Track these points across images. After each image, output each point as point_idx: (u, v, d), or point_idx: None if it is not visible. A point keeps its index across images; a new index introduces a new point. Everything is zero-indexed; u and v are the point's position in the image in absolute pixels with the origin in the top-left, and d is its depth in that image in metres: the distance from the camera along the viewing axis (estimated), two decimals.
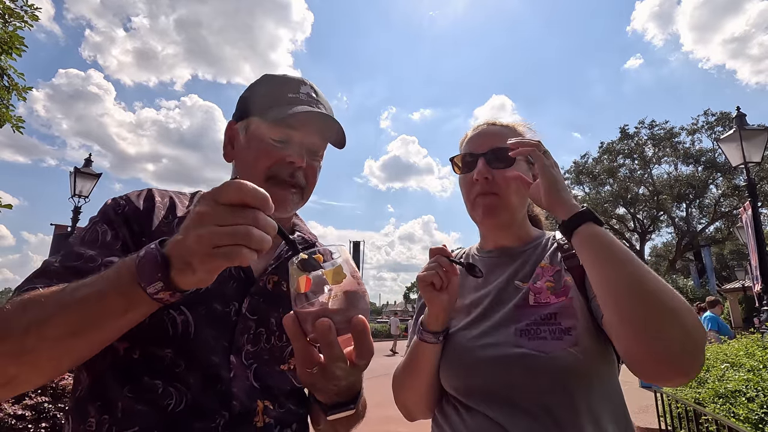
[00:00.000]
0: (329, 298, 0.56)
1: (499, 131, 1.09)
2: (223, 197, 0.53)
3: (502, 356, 0.89)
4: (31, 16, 5.03)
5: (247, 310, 0.85)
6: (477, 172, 1.03)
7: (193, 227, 0.53)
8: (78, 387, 0.78)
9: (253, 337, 0.84)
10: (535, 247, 1.07)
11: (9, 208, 4.77)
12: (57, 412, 3.13)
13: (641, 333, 0.70)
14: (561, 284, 0.95)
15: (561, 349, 0.84)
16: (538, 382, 0.84)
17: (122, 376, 0.73)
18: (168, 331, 0.75)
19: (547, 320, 0.90)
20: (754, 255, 7.79)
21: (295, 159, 0.89)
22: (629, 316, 0.72)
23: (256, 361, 0.83)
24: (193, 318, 0.77)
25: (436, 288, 0.92)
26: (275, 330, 0.87)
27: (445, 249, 0.93)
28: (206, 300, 0.80)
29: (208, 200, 0.53)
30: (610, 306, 0.77)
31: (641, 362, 0.72)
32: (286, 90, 0.92)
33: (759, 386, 2.96)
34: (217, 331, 0.79)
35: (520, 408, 0.85)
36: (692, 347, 0.69)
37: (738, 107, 7.37)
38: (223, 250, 0.52)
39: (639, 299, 0.71)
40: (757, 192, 10.25)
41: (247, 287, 0.86)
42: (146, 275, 0.56)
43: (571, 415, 0.82)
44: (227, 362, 0.78)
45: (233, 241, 0.52)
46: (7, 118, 5.11)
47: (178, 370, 0.74)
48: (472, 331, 0.98)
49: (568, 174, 30.10)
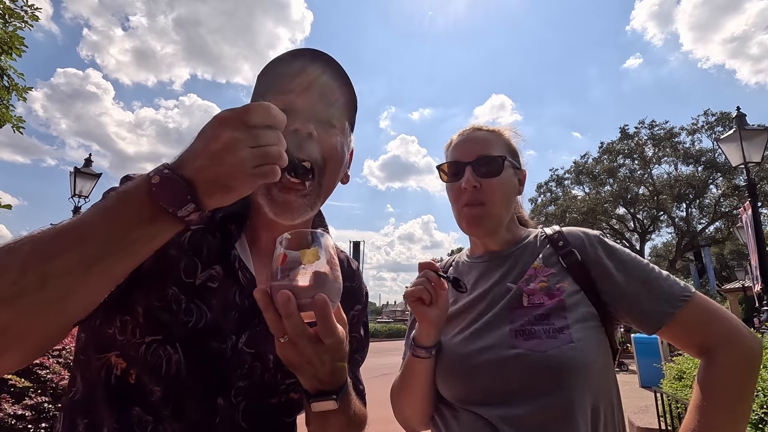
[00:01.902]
0: (299, 275, 0.59)
1: (486, 137, 1.07)
2: (254, 120, 0.55)
3: (497, 359, 0.89)
4: (31, 16, 5.04)
5: (245, 344, 0.78)
6: (465, 181, 1.02)
7: (227, 151, 0.54)
8: (72, 389, 0.75)
9: (247, 372, 0.77)
10: (524, 247, 1.06)
11: (8, 208, 4.77)
12: (57, 412, 3.13)
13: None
14: (555, 286, 0.95)
15: (556, 348, 0.85)
16: (535, 381, 0.85)
17: (114, 400, 0.70)
18: (162, 367, 0.71)
19: (541, 320, 0.90)
20: (754, 255, 7.80)
21: (299, 126, 0.75)
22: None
23: (246, 398, 0.77)
24: (185, 359, 0.72)
25: (425, 303, 0.91)
26: (271, 368, 0.80)
27: (433, 263, 0.93)
28: (202, 337, 0.74)
29: (236, 123, 0.55)
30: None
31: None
32: (286, 59, 0.83)
33: (759, 386, 2.96)
34: (209, 371, 0.74)
35: (516, 407, 0.85)
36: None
37: (738, 107, 7.37)
38: (262, 170, 0.55)
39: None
40: (757, 192, 10.24)
41: (249, 319, 0.79)
42: (174, 200, 0.53)
43: (567, 411, 0.82)
44: (214, 407, 0.73)
45: (270, 161, 0.56)
46: (7, 118, 5.12)
47: (166, 411, 0.70)
48: (466, 337, 0.97)
49: (568, 174, 30.16)
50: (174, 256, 0.75)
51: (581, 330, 0.88)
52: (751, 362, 0.85)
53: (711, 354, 0.87)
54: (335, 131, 0.82)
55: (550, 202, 29.75)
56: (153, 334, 0.71)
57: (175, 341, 0.72)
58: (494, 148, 1.05)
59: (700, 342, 0.90)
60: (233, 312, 0.78)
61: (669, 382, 4.51)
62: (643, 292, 0.92)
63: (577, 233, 1.03)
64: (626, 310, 0.94)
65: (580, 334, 0.87)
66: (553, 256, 1.01)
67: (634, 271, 0.95)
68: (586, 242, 1.00)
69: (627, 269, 0.95)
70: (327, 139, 0.80)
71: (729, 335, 0.87)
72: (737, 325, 0.88)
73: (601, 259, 0.97)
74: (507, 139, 1.10)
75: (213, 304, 0.76)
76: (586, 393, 0.84)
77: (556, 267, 0.99)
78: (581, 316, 0.91)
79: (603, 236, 1.02)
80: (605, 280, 0.95)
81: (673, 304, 0.90)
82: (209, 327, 0.74)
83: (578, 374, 0.84)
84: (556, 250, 1.01)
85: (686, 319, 0.89)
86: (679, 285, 0.93)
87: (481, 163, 1.03)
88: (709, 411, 0.82)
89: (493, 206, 1.03)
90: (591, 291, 0.95)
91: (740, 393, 0.83)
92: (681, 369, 4.41)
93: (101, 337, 0.73)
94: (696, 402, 0.84)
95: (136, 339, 0.71)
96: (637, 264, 0.96)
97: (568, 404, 0.82)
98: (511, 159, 1.07)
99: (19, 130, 5.25)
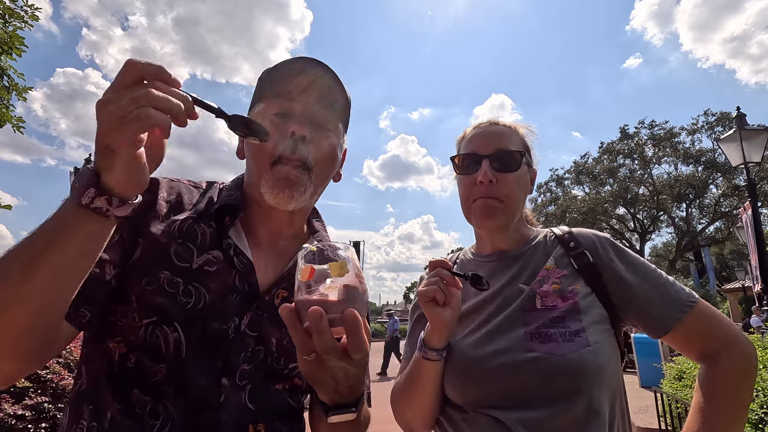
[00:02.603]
0: (328, 289, 0.58)
1: (503, 132, 1.06)
2: (118, 81, 0.54)
3: (513, 362, 0.87)
4: (31, 17, 5.04)
5: (247, 326, 0.79)
6: (482, 174, 1.00)
7: (98, 114, 0.53)
8: (78, 381, 0.77)
9: (251, 356, 0.79)
10: (534, 248, 1.05)
11: (8, 208, 4.77)
12: (57, 412, 3.13)
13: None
14: (568, 288, 0.94)
15: (575, 351, 0.84)
16: (552, 385, 0.84)
17: (115, 384, 0.72)
18: (162, 347, 0.73)
19: (556, 323, 0.89)
20: (754, 255, 7.80)
21: (295, 128, 0.81)
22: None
23: (251, 381, 0.78)
24: (185, 337, 0.73)
25: (438, 303, 0.88)
26: (274, 351, 0.82)
27: (446, 262, 0.90)
28: (203, 317, 0.76)
29: (107, 90, 0.54)
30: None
31: None
32: (285, 64, 0.87)
33: (759, 386, 2.96)
34: (211, 351, 0.75)
35: (534, 410, 0.84)
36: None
37: (738, 107, 7.37)
38: (131, 115, 0.52)
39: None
40: (757, 192, 10.25)
41: (249, 302, 0.81)
42: (79, 189, 0.56)
43: (586, 414, 0.82)
44: (218, 385, 0.75)
45: (137, 105, 0.52)
46: (8, 118, 5.12)
47: (168, 389, 0.72)
48: (478, 339, 0.95)
49: (568, 174, 30.15)
50: (163, 243, 0.77)
51: (596, 333, 0.88)
52: (751, 368, 0.88)
53: (713, 359, 0.89)
54: (329, 133, 0.88)
55: (550, 202, 29.74)
56: (149, 316, 0.73)
57: (174, 321, 0.74)
58: (512, 143, 1.04)
59: (702, 347, 0.91)
60: (233, 295, 0.79)
61: (669, 382, 4.51)
62: (653, 296, 0.93)
63: (589, 235, 1.03)
64: (635, 314, 0.94)
65: (595, 337, 0.87)
66: (564, 258, 1.00)
67: (645, 276, 0.95)
68: (598, 244, 1.00)
69: (638, 273, 0.96)
70: (320, 140, 0.86)
71: (730, 341, 0.90)
72: (737, 331, 0.92)
73: (612, 262, 0.97)
74: (523, 135, 1.09)
75: (211, 287, 0.78)
76: (603, 396, 0.85)
77: (567, 268, 0.98)
78: (595, 319, 0.90)
79: (613, 239, 1.03)
80: (616, 282, 0.95)
81: (681, 309, 0.91)
82: (209, 308, 0.76)
83: (596, 377, 0.84)
84: (568, 251, 1.00)
85: (691, 325, 0.91)
86: (684, 291, 0.94)
87: (499, 157, 1.02)
88: (712, 414, 0.84)
89: (507, 202, 1.01)
90: (602, 293, 0.94)
91: (740, 397, 0.86)
92: (681, 369, 4.41)
93: (103, 327, 0.75)
94: (698, 405, 0.86)
95: (135, 323, 0.73)
96: (647, 268, 0.97)
97: (586, 407, 0.82)
98: (527, 156, 1.07)
99: (19, 130, 5.26)
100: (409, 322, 1.18)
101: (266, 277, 0.85)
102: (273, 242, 0.91)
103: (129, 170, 0.57)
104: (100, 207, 0.57)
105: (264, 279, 0.84)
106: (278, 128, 0.82)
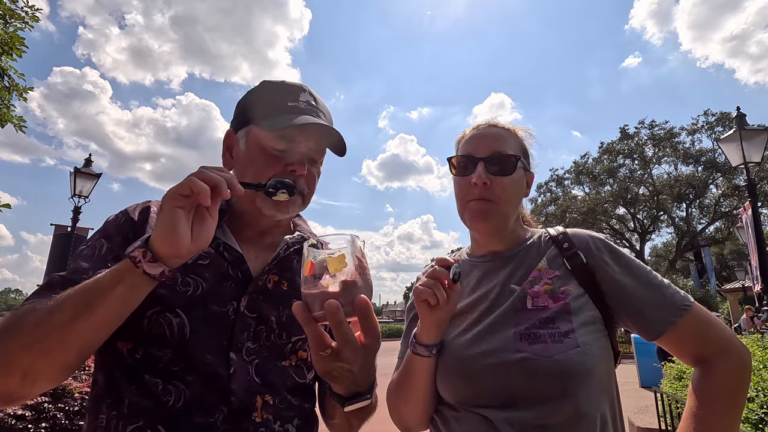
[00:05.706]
0: (332, 281, 0.60)
1: (501, 134, 1.06)
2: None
3: (502, 362, 0.88)
4: (31, 17, 5.05)
5: (246, 308, 0.87)
6: (476, 176, 1.00)
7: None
8: (95, 387, 0.83)
9: (254, 335, 0.86)
10: (528, 248, 1.05)
11: (8, 207, 4.78)
12: (57, 412, 3.13)
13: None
14: (560, 288, 0.94)
15: (562, 353, 0.84)
16: (541, 386, 0.84)
17: (127, 375, 0.78)
18: (166, 333, 0.79)
19: (546, 324, 0.89)
20: (754, 255, 7.80)
21: (296, 167, 0.90)
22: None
23: (258, 357, 0.85)
24: (188, 320, 0.80)
25: (431, 305, 0.88)
26: (275, 328, 0.89)
27: (447, 260, 0.90)
28: (202, 302, 0.83)
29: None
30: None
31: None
32: (286, 98, 0.92)
33: (759, 386, 2.96)
34: (215, 330, 0.82)
35: (522, 411, 0.84)
36: None
37: (738, 107, 7.37)
38: (179, 189, 0.64)
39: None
40: (757, 192, 10.24)
41: (244, 286, 0.88)
42: (130, 249, 0.67)
43: (574, 415, 0.82)
44: (226, 360, 0.81)
45: (191, 185, 0.64)
46: (9, 118, 5.13)
47: (176, 368, 0.78)
48: (469, 339, 0.95)
49: (568, 174, 30.14)
50: None
51: (586, 334, 0.88)
52: (745, 374, 0.88)
53: (708, 364, 0.89)
54: (317, 165, 0.99)
55: (550, 202, 29.71)
56: (152, 306, 0.79)
57: (176, 308, 0.81)
58: (509, 147, 1.04)
59: (697, 351, 0.91)
60: (228, 282, 0.88)
61: (669, 382, 4.51)
62: (648, 298, 0.93)
63: (583, 235, 1.02)
64: (629, 315, 0.94)
65: (585, 338, 0.87)
66: (557, 258, 1.00)
67: (640, 277, 0.95)
68: (592, 245, 0.99)
69: (633, 274, 0.95)
70: (311, 171, 0.97)
71: (725, 346, 0.89)
72: (731, 336, 0.91)
73: (606, 263, 0.96)
74: (521, 138, 1.09)
75: (207, 276, 0.86)
76: (592, 397, 0.84)
77: (560, 269, 0.98)
78: (586, 320, 0.90)
79: (608, 239, 1.02)
80: (610, 284, 0.94)
81: (675, 312, 0.90)
82: (207, 293, 0.84)
83: (584, 379, 0.83)
84: (561, 251, 1.00)
85: (685, 329, 0.90)
86: (679, 294, 0.94)
87: (495, 160, 1.02)
88: (706, 418, 0.83)
89: (501, 205, 1.01)
90: (595, 294, 0.94)
91: (735, 401, 0.86)
92: (681, 369, 4.41)
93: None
94: (692, 409, 0.86)
95: (139, 316, 0.77)
96: (642, 270, 0.96)
97: (574, 409, 0.82)
98: (523, 160, 1.06)
99: (21, 129, 5.26)
100: (405, 320, 1.18)
101: (256, 265, 0.93)
102: (260, 240, 0.99)
103: (170, 234, 0.65)
104: (135, 256, 0.66)
105: (254, 267, 0.92)
106: (278, 161, 0.91)
